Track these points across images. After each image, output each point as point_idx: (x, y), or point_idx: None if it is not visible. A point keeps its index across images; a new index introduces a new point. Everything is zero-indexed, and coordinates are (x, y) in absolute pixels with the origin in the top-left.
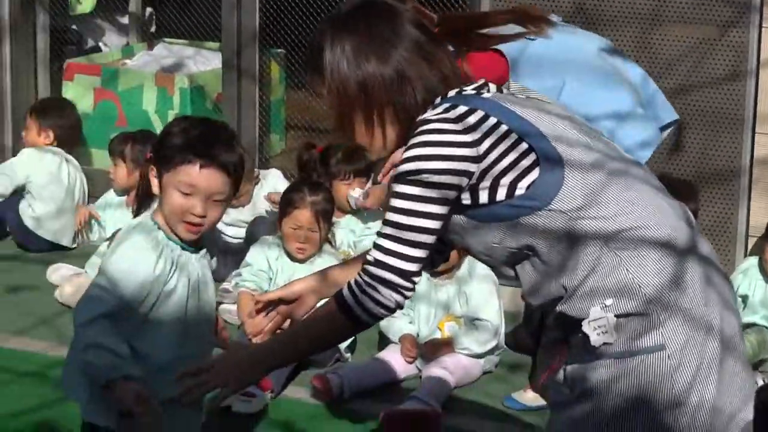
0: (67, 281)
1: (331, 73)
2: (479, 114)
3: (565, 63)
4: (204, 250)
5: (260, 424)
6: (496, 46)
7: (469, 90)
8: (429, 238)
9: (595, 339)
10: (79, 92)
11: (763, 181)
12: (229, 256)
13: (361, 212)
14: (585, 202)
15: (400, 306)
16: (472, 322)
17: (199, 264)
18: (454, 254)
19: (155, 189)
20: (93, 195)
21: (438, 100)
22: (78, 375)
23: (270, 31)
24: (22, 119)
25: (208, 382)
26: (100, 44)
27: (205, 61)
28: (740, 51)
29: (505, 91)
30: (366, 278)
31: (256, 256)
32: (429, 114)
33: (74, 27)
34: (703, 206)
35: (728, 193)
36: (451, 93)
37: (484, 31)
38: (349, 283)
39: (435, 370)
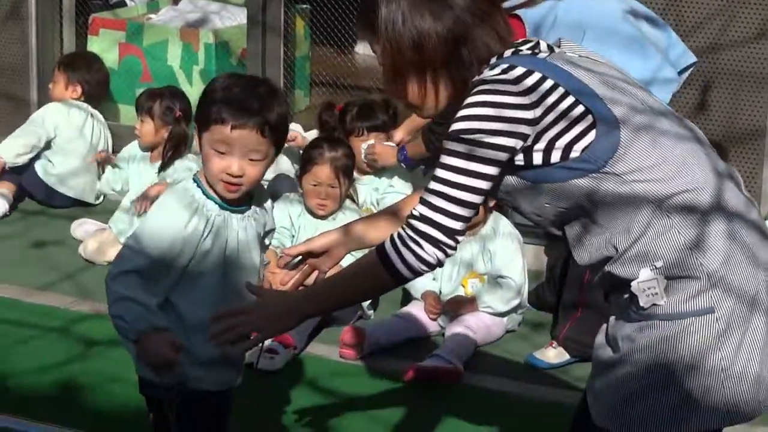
0: (91, 236)
1: (385, 29)
2: (536, 76)
3: (587, 27)
4: (251, 210)
5: (283, 381)
6: (516, 11)
7: (524, 50)
8: (477, 198)
9: (645, 300)
10: (104, 47)
11: None
12: None
13: (380, 171)
14: (638, 165)
15: (440, 264)
16: (496, 280)
17: (241, 225)
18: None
19: (197, 147)
20: (117, 151)
21: (494, 59)
22: None
23: None
24: (48, 74)
25: (241, 325)
26: None
27: (230, 17)
28: (766, 10)
29: (556, 50)
30: (410, 232)
31: (278, 213)
32: (486, 74)
33: None
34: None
35: (754, 152)
36: (507, 53)
37: None
38: (391, 236)
39: (458, 329)
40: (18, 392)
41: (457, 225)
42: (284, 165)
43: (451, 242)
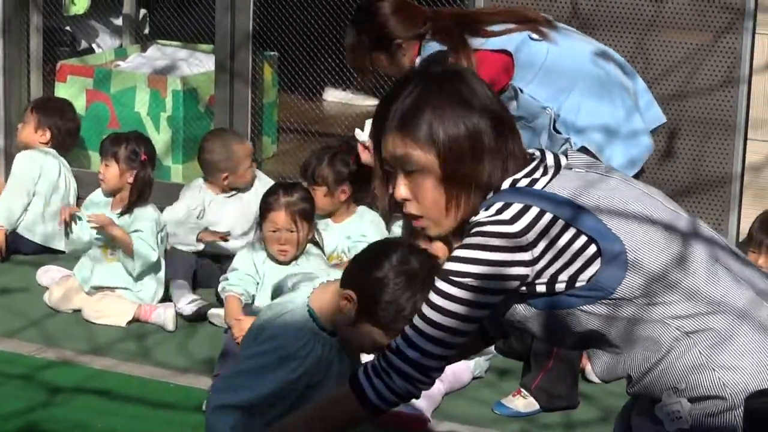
0: (56, 284)
1: (430, 136)
2: (534, 211)
3: (563, 71)
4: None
5: None
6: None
7: (521, 177)
8: (459, 339)
9: (670, 425)
10: (72, 93)
11: (755, 187)
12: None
13: (359, 216)
14: (649, 290)
15: (413, 396)
16: None
17: None
18: (440, 249)
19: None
20: (83, 198)
21: (490, 194)
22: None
23: (263, 34)
24: (15, 120)
25: None
26: (93, 45)
27: (198, 63)
28: (733, 57)
29: (563, 161)
30: (383, 364)
31: (243, 260)
32: (482, 216)
33: (68, 28)
34: (694, 212)
35: (720, 199)
36: (505, 184)
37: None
38: (365, 365)
39: None
40: None
41: (432, 363)
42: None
43: (424, 378)
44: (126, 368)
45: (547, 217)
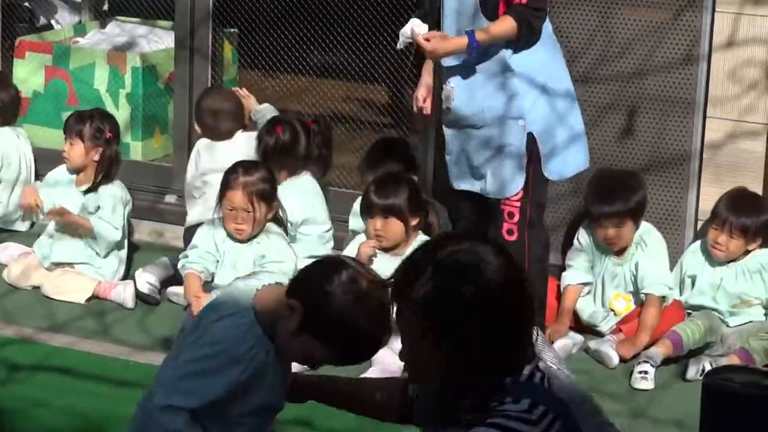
0: (15, 261)
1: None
2: (540, 409)
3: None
4: None
5: None
6: None
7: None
8: None
9: None
10: (31, 70)
11: (713, 165)
12: None
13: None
14: None
15: None
16: None
17: None
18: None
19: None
20: (42, 174)
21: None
22: None
23: (223, 11)
24: None
25: None
26: (52, 22)
27: (157, 40)
28: (693, 35)
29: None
30: None
31: (203, 237)
32: (510, 407)
33: (26, 4)
34: (653, 190)
35: (679, 177)
36: (508, 379)
37: None
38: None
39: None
40: None
41: None
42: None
43: None
44: (85, 346)
45: (549, 416)
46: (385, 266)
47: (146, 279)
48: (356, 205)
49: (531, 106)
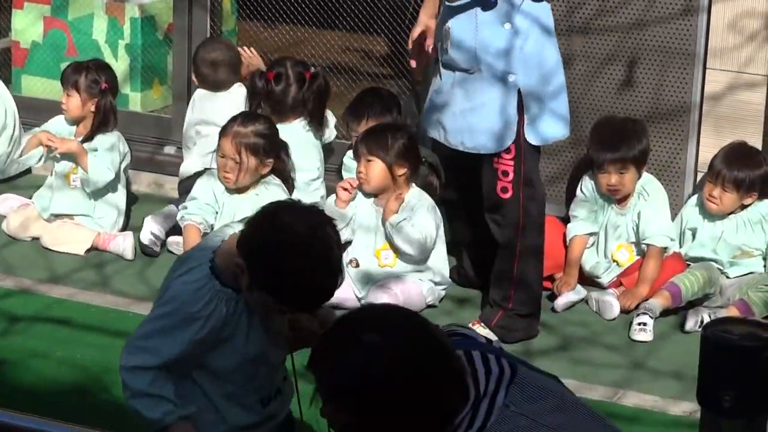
0: (14, 212)
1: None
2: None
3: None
4: None
5: None
6: None
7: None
8: None
9: None
10: (29, 21)
11: (713, 116)
12: None
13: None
14: None
15: None
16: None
17: None
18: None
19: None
20: (37, 125)
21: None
22: None
23: None
24: None
25: None
26: None
27: None
28: None
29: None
30: None
31: (202, 189)
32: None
33: None
34: (653, 142)
35: (678, 129)
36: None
37: None
38: None
39: (380, 294)
40: None
41: None
42: None
43: None
44: (85, 297)
45: None
46: (368, 212)
47: (150, 229)
48: (346, 158)
49: (524, 64)
